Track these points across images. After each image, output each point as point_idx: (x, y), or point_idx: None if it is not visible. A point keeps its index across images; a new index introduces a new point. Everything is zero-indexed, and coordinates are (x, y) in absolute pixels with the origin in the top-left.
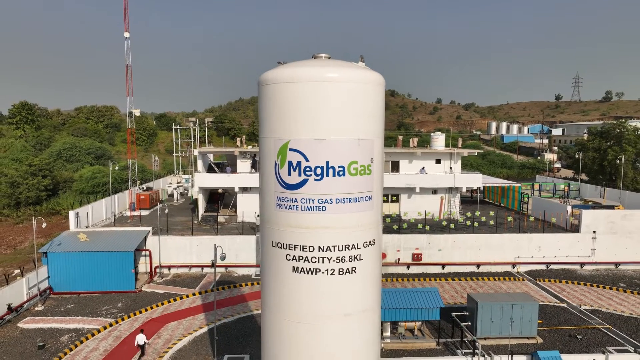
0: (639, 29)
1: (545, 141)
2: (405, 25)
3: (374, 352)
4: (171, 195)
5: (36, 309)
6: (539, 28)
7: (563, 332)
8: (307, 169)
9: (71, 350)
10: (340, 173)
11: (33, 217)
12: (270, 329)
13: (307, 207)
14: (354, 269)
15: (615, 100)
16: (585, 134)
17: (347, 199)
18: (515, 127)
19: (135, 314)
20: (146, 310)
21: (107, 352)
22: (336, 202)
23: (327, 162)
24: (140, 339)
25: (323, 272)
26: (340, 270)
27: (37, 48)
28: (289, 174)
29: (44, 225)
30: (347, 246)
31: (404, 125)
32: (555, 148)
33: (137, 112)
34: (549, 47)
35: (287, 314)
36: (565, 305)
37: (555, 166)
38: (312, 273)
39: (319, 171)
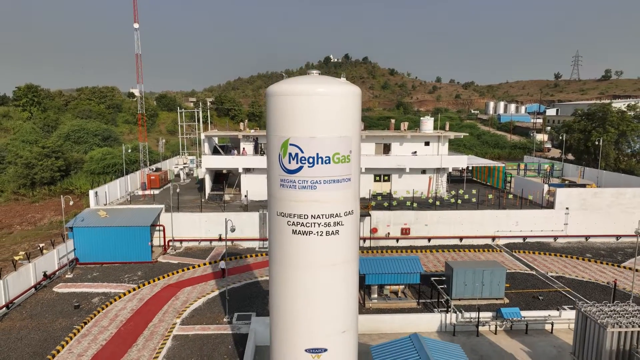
0: (639, 8)
1: (540, 121)
2: (406, 4)
3: (353, 292)
4: (178, 176)
5: (66, 276)
6: (540, 6)
7: (528, 294)
8: (303, 158)
9: (103, 309)
10: (327, 161)
11: (62, 197)
12: (276, 278)
13: (303, 186)
14: (337, 231)
15: (614, 79)
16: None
17: (332, 180)
18: (512, 107)
19: (154, 280)
20: (163, 277)
21: (133, 311)
22: (324, 183)
23: (317, 154)
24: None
25: (314, 234)
26: (327, 232)
27: (34, 27)
28: (289, 162)
29: (71, 203)
30: (332, 215)
31: (402, 104)
32: (548, 128)
33: (136, 92)
34: (550, 25)
35: (289, 265)
36: (534, 272)
37: (545, 146)
38: (306, 234)
39: (311, 160)
